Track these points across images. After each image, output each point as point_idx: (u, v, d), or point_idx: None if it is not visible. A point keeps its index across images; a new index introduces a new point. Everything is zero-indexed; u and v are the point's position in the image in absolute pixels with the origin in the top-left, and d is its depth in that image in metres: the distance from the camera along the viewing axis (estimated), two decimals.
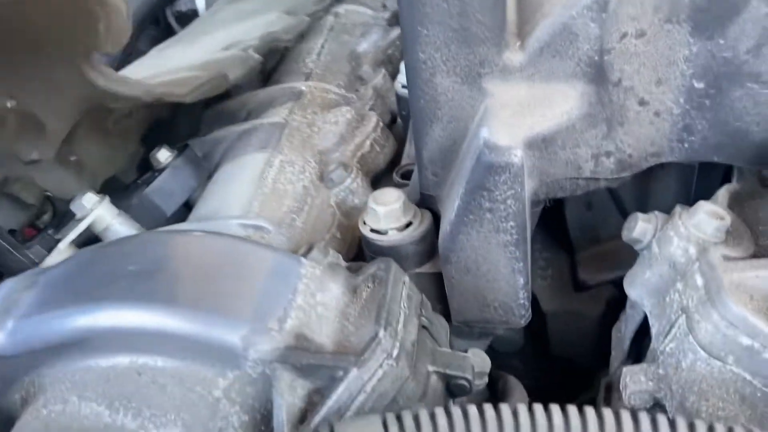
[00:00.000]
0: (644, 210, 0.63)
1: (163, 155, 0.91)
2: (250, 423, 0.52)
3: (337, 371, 0.51)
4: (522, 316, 0.67)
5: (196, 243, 0.59)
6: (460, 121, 0.62)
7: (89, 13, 0.65)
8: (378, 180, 0.93)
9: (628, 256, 0.65)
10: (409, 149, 0.89)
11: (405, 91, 0.94)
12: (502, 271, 0.63)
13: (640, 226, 0.62)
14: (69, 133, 0.79)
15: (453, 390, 0.59)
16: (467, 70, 0.59)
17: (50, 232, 0.76)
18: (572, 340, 0.83)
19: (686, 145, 0.61)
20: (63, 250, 0.72)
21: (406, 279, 0.59)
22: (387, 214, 0.65)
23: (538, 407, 0.42)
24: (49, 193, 0.80)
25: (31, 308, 0.56)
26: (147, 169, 0.94)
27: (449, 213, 0.62)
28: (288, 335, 0.53)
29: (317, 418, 0.49)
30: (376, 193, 0.68)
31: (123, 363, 0.53)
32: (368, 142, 0.93)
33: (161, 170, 0.91)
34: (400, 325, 0.55)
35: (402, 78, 0.95)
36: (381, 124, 0.95)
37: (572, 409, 0.42)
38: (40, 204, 0.79)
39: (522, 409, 0.42)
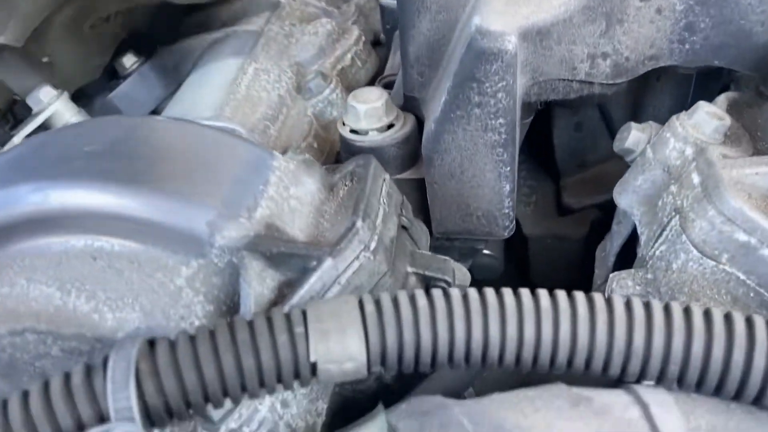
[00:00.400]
0: None
1: (129, 60, 0.86)
2: (215, 313, 0.48)
3: (310, 261, 0.47)
4: (506, 227, 0.64)
5: (159, 127, 0.55)
6: (450, 11, 0.58)
7: None
8: None
9: (615, 180, 0.63)
10: (392, 61, 0.84)
11: (391, 2, 0.90)
12: (487, 175, 0.59)
13: (634, 135, 0.59)
14: (42, 28, 0.72)
15: None
16: None
17: (6, 129, 0.71)
18: (555, 265, 0.81)
19: (687, 47, 0.57)
20: (17, 144, 0.67)
21: (387, 176, 0.56)
22: (368, 112, 0.61)
23: (524, 291, 0.39)
24: (17, 97, 0.74)
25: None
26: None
27: (434, 112, 0.59)
28: (258, 224, 0.49)
29: (287, 308, 0.46)
30: (357, 91, 0.64)
31: (77, 246, 0.48)
32: (349, 56, 0.89)
33: (126, 76, 0.85)
34: (379, 220, 0.51)
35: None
36: (363, 38, 0.91)
37: (560, 293, 0.39)
38: (6, 108, 0.73)
39: (507, 291, 0.39)
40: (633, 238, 0.62)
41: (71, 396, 0.35)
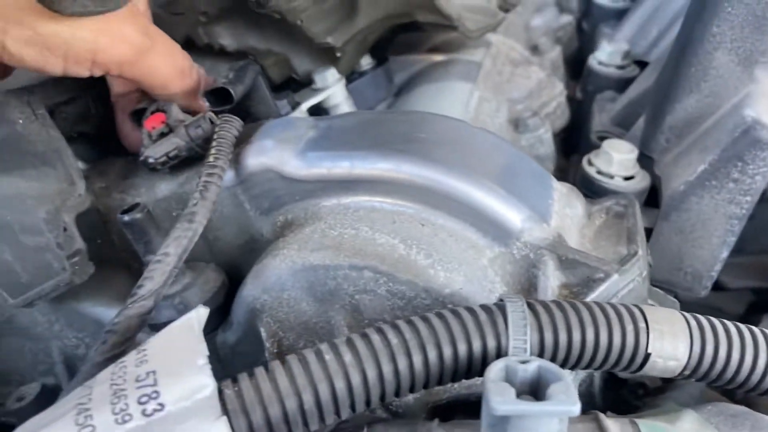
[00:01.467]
0: None
1: (366, 60, 0.97)
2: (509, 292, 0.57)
3: (598, 272, 0.57)
4: (705, 287, 0.73)
5: (471, 130, 0.65)
6: (717, 97, 0.68)
7: None
8: None
9: None
10: (599, 119, 0.94)
11: (601, 68, 1.01)
12: (713, 240, 0.69)
13: None
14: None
15: None
16: (748, 53, 0.65)
17: (292, 98, 0.81)
18: None
19: None
20: (303, 111, 0.77)
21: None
22: (621, 162, 0.72)
23: None
24: (295, 76, 0.83)
25: (321, 145, 0.61)
26: None
27: (682, 175, 0.69)
28: (553, 231, 0.59)
29: None
30: (611, 141, 0.74)
31: (408, 212, 0.58)
32: (554, 104, 0.99)
33: (361, 73, 0.96)
34: (646, 253, 0.61)
35: (600, 55, 1.01)
36: (566, 91, 1.01)
37: None
38: (282, 82, 0.83)
39: None
40: None
41: (480, 327, 0.44)
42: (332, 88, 0.79)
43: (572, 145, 1.03)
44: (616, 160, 0.72)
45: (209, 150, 0.60)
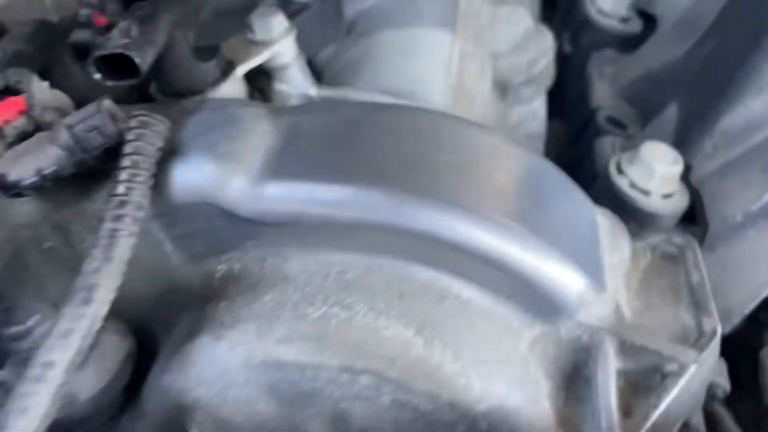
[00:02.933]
0: None
1: None
2: (555, 389, 0.42)
3: (671, 364, 0.42)
4: (732, 325, 0.62)
5: (500, 147, 0.45)
6: None
7: None
8: None
9: None
10: (600, 87, 0.76)
11: (601, 19, 0.83)
12: (759, 278, 0.57)
13: None
14: None
15: None
16: None
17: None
18: None
19: None
20: (239, 78, 0.54)
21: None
22: (664, 176, 0.56)
23: None
24: None
25: (288, 166, 0.40)
26: None
27: (736, 198, 0.55)
28: (611, 301, 0.43)
29: (649, 421, 0.41)
30: (650, 145, 0.57)
31: (420, 278, 0.40)
32: (543, 61, 0.81)
33: (302, 5, 0.72)
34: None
35: (601, 2, 0.81)
36: (555, 44, 0.83)
37: None
38: None
39: None
40: None
41: None
42: (281, 43, 0.56)
43: (552, 109, 0.85)
44: (659, 173, 0.55)
45: (118, 174, 0.37)
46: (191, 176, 0.39)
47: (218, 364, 0.39)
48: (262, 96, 0.58)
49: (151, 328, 0.46)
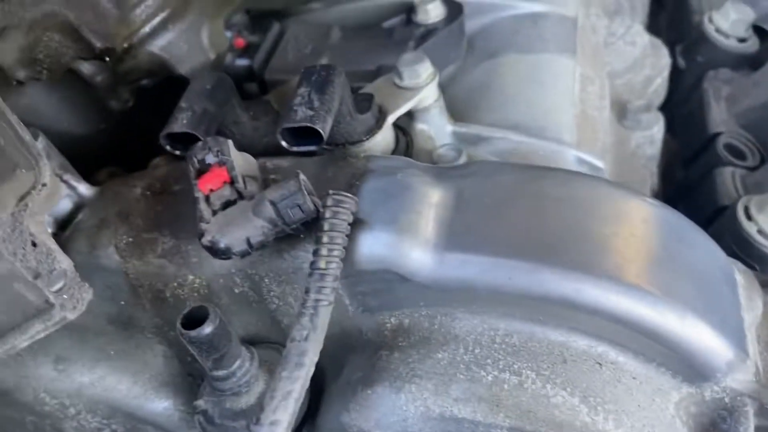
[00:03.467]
0: None
1: (436, 10, 0.74)
2: None
3: None
4: None
5: (651, 212, 0.48)
6: None
7: None
8: None
9: None
10: (718, 111, 0.77)
11: (719, 38, 0.82)
12: None
13: None
14: None
15: None
16: None
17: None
18: None
19: None
20: (389, 127, 0.57)
21: None
22: None
23: None
24: None
25: (461, 237, 0.44)
26: None
27: None
28: (753, 366, 0.46)
29: None
30: None
31: (578, 345, 0.44)
32: (659, 81, 0.81)
33: (430, 28, 0.74)
34: None
35: (720, 21, 0.81)
36: (670, 61, 0.83)
37: None
38: None
39: None
40: None
41: None
42: (427, 88, 0.59)
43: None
44: None
45: (318, 249, 0.42)
46: (376, 248, 0.44)
47: (397, 413, 0.44)
48: (404, 134, 0.62)
49: (320, 361, 0.51)
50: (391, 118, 0.57)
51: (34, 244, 0.41)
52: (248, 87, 0.73)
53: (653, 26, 0.96)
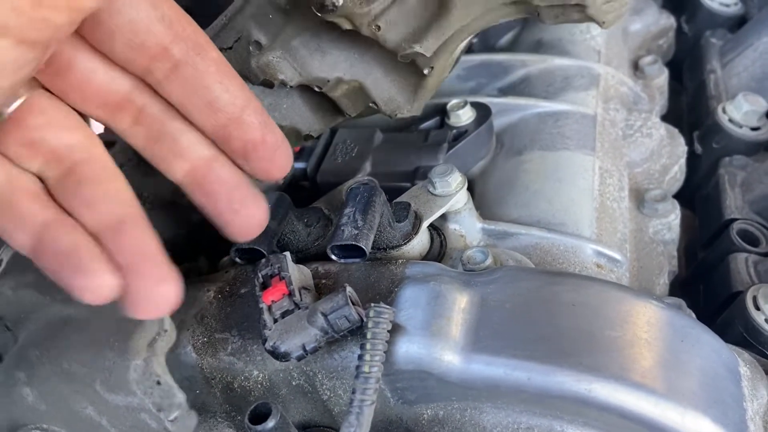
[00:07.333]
0: None
1: (466, 114, 0.83)
2: None
3: None
4: None
5: (661, 318, 0.54)
6: None
7: None
8: None
9: None
10: (732, 197, 0.83)
11: (732, 128, 0.88)
12: None
13: None
14: None
15: None
16: None
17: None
18: None
19: None
20: (423, 231, 0.66)
21: None
22: None
23: None
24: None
25: (486, 341, 0.52)
26: None
27: None
28: None
29: None
30: None
31: None
32: (675, 169, 0.88)
33: (462, 131, 0.82)
34: None
35: (733, 112, 0.87)
36: (687, 149, 0.89)
37: None
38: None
39: None
40: None
41: None
42: (457, 195, 0.67)
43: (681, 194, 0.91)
44: None
45: (363, 354, 0.50)
46: (412, 351, 0.52)
47: None
48: (438, 233, 0.70)
49: None
50: (425, 224, 0.65)
51: (158, 383, 0.51)
52: (302, 183, 0.83)
53: (674, 110, 1.03)
